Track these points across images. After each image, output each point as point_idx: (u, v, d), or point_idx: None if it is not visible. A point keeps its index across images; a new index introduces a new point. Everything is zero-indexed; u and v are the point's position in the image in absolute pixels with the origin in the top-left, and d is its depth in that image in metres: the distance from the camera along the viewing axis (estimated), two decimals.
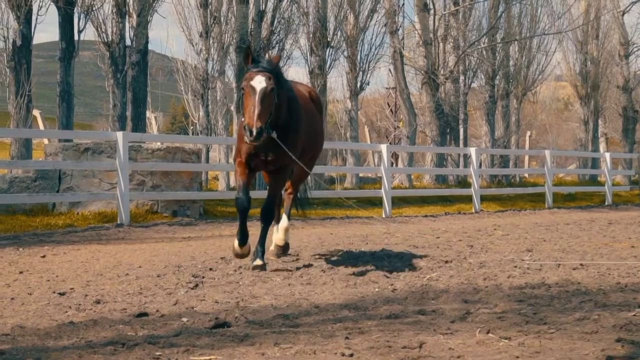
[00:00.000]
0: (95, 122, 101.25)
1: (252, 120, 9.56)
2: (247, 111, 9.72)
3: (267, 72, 9.93)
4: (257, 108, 9.65)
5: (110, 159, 18.54)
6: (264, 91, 9.80)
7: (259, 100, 9.71)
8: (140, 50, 27.39)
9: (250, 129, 9.52)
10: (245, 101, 9.87)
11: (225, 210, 21.79)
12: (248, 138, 9.58)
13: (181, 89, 33.07)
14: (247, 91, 9.85)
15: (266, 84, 9.83)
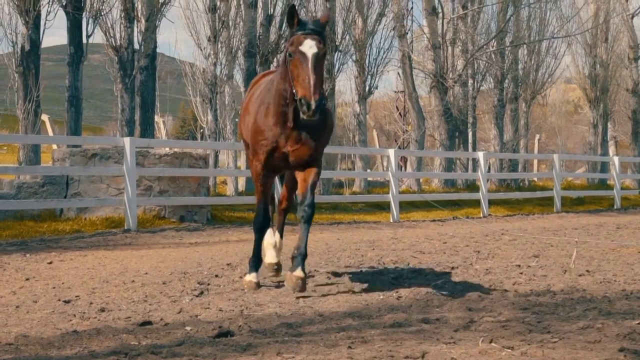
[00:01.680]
0: (105, 125, 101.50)
1: (308, 91, 8.35)
2: (299, 81, 8.49)
3: (316, 35, 8.76)
4: (311, 77, 8.45)
5: (117, 165, 18.56)
6: (317, 57, 8.64)
7: (312, 68, 8.53)
8: (149, 54, 27.43)
9: (307, 102, 8.30)
10: (293, 70, 8.59)
11: (233, 216, 21.80)
12: (306, 114, 8.37)
13: (190, 93, 33.10)
14: (296, 58, 8.61)
15: (318, 49, 8.67)
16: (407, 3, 37.28)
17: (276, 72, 9.47)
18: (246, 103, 10.27)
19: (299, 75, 8.51)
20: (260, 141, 9.37)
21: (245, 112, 10.13)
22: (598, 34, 46.53)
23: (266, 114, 9.28)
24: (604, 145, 47.02)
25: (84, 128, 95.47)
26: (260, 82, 10.33)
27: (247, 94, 10.56)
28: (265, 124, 9.27)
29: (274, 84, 9.23)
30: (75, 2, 25.35)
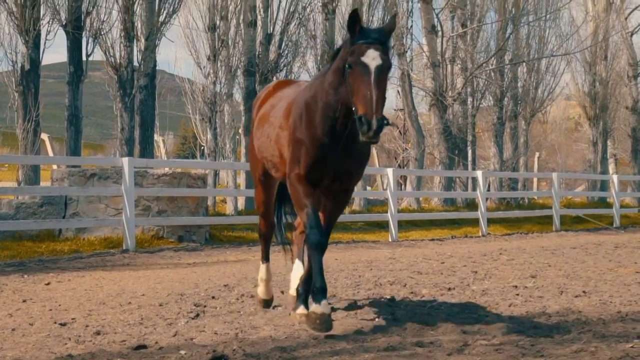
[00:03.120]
0: (106, 142, 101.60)
1: (370, 108, 7.41)
2: (359, 97, 7.54)
3: (380, 46, 7.79)
4: (374, 92, 7.51)
5: (116, 185, 18.59)
6: (381, 70, 7.67)
7: (375, 82, 7.59)
8: (148, 73, 27.50)
9: (368, 122, 7.33)
10: (353, 83, 7.66)
11: (231, 235, 21.81)
12: (365, 135, 7.37)
13: (189, 111, 33.16)
14: (356, 70, 7.67)
15: (382, 61, 7.70)
16: (407, 21, 37.40)
17: (317, 80, 8.47)
18: (264, 114, 9.44)
19: (359, 90, 7.56)
20: (303, 152, 8.29)
21: (263, 123, 9.30)
22: (597, 51, 46.62)
23: (309, 125, 8.26)
24: (604, 163, 47.05)
25: (85, 145, 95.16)
26: (281, 92, 9.52)
27: (262, 105, 9.68)
28: (309, 136, 8.25)
29: (317, 94, 8.28)
30: (75, 22, 25.45)
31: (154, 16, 27.51)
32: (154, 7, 27.60)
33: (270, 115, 9.24)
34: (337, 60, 8.12)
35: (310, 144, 8.25)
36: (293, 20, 31.53)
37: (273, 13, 31.53)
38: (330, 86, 8.11)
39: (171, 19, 28.32)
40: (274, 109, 9.24)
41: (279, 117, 8.94)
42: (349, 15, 7.96)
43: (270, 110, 9.31)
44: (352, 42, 7.84)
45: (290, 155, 8.47)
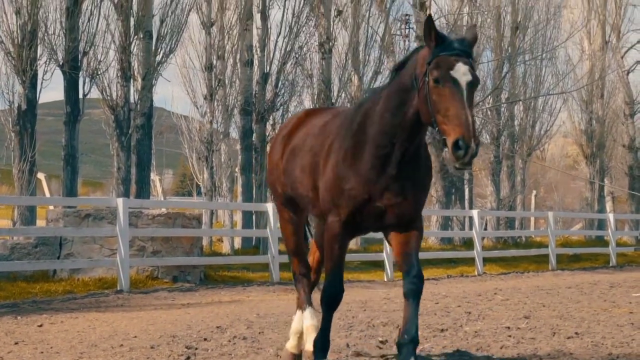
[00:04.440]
0: (105, 180, 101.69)
1: (467, 130, 6.51)
2: (449, 117, 6.65)
3: (468, 59, 6.91)
4: (469, 112, 6.64)
5: (110, 225, 18.62)
6: (472, 86, 6.80)
7: (468, 102, 6.71)
8: (145, 113, 27.56)
9: (467, 146, 6.47)
10: (439, 101, 6.73)
11: (226, 275, 21.80)
12: (460, 160, 6.53)
13: (186, 151, 33.27)
14: (445, 86, 6.73)
15: (473, 77, 6.80)
16: None
17: (366, 106, 7.55)
18: (296, 145, 8.45)
19: (450, 110, 6.64)
20: (345, 191, 7.35)
21: (296, 155, 8.36)
22: (594, 90, 46.73)
23: (354, 156, 7.34)
24: (601, 201, 47.06)
25: (85, 183, 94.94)
26: (314, 120, 8.56)
27: (292, 136, 8.69)
28: (354, 170, 7.31)
29: (366, 121, 7.41)
30: (72, 62, 25.52)
31: (150, 56, 27.61)
32: (151, 47, 27.70)
33: (303, 146, 8.29)
34: (401, 77, 7.18)
35: (356, 183, 7.32)
36: (289, 60, 31.66)
37: (270, 52, 31.66)
38: (387, 109, 7.23)
39: (168, 58, 28.44)
40: (307, 139, 8.28)
41: (316, 148, 7.97)
42: (425, 22, 7.01)
43: (303, 142, 8.35)
44: (433, 54, 6.88)
45: (329, 195, 7.55)
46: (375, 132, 7.27)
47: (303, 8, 31.76)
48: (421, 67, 6.94)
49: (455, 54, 6.85)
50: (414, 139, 7.22)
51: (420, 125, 7.08)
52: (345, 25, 32.91)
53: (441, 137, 6.68)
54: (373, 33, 33.63)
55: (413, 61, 7.13)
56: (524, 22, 39.85)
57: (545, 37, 41.32)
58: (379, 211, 7.36)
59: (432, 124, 6.83)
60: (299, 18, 31.63)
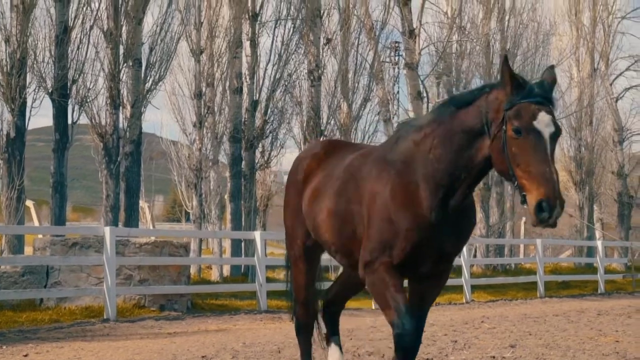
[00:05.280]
0: (96, 205, 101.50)
1: (552, 190, 6.06)
2: (531, 173, 6.16)
3: (550, 107, 6.41)
4: (554, 169, 6.16)
5: (97, 254, 18.59)
6: (555, 140, 6.33)
7: (552, 157, 6.25)
8: (134, 140, 27.60)
9: (552, 207, 6.01)
10: (522, 155, 6.24)
11: (213, 304, 21.75)
12: (544, 222, 6.07)
13: (175, 178, 33.30)
14: (527, 137, 6.26)
15: (556, 129, 6.33)
16: (393, 87, 37.71)
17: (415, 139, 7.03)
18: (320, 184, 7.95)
19: (532, 165, 6.17)
20: (401, 232, 6.79)
21: (313, 199, 7.95)
22: (583, 117, 46.88)
23: (407, 197, 6.82)
24: (590, 228, 47.13)
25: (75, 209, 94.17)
26: (337, 157, 8.12)
27: (313, 174, 8.22)
28: (408, 214, 6.79)
29: (416, 157, 6.91)
30: (61, 90, 25.59)
31: (140, 83, 27.69)
32: (140, 75, 27.79)
33: (328, 189, 7.77)
34: (463, 116, 6.71)
35: (409, 225, 6.78)
36: (279, 87, 31.80)
37: (259, 80, 31.81)
38: (450, 150, 6.74)
39: (157, 86, 28.52)
40: (332, 182, 7.77)
41: (350, 193, 7.44)
42: (501, 63, 6.55)
43: (327, 184, 7.84)
44: (512, 100, 6.40)
45: (380, 238, 6.92)
46: (435, 172, 6.77)
47: (292, 36, 31.98)
48: (496, 113, 6.49)
49: (537, 102, 6.37)
50: (479, 182, 6.93)
51: (488, 168, 6.70)
52: (335, 53, 33.08)
53: (520, 192, 6.24)
54: (362, 60, 33.78)
55: (482, 102, 6.64)
56: (512, 50, 39.98)
57: (534, 64, 41.47)
58: (428, 255, 6.91)
59: (508, 177, 6.39)
60: (288, 46, 31.81)
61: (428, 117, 7.18)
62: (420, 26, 35.48)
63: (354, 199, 7.30)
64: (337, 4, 33.02)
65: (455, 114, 6.73)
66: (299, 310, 8.66)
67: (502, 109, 6.42)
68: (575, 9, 47.24)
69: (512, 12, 40.57)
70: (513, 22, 40.48)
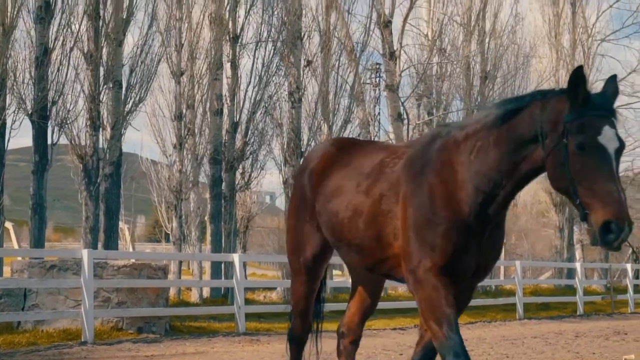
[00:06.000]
0: (77, 226, 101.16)
1: (620, 211, 5.70)
2: (595, 191, 5.80)
3: (615, 120, 6.09)
4: (620, 188, 5.80)
5: (75, 276, 18.56)
6: (619, 155, 5.99)
7: (618, 174, 5.92)
8: (114, 162, 27.58)
9: (620, 229, 5.68)
10: (585, 171, 5.87)
11: (192, 326, 21.71)
12: (610, 245, 5.74)
13: (155, 199, 33.31)
14: (591, 153, 5.89)
15: (621, 144, 5.98)
16: (374, 109, 37.82)
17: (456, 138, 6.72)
18: (340, 183, 7.62)
19: (597, 183, 5.79)
20: (440, 236, 6.48)
21: (339, 194, 7.54)
22: None
23: (445, 198, 6.54)
24: (570, 249, 47.29)
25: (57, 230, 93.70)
26: (355, 153, 7.82)
27: (328, 171, 7.86)
28: (449, 211, 6.51)
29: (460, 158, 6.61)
30: (41, 111, 25.57)
31: (120, 105, 27.71)
32: (121, 96, 27.81)
33: (348, 187, 7.48)
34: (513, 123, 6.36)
35: (449, 225, 6.48)
36: (259, 109, 31.85)
37: (239, 101, 31.82)
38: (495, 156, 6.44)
39: (137, 107, 28.53)
40: (354, 180, 7.47)
41: (378, 192, 7.14)
42: (574, 72, 6.06)
43: (351, 178, 7.53)
44: (575, 112, 6.01)
45: (420, 237, 6.57)
46: (476, 175, 6.49)
47: (273, 58, 32.04)
48: (553, 124, 6.11)
49: (601, 115, 6.00)
50: (518, 192, 6.63)
51: (531, 178, 6.48)
52: (315, 75, 33.15)
53: (582, 210, 5.88)
54: (343, 82, 33.87)
55: (536, 110, 6.28)
56: (493, 72, 40.20)
57: (514, 86, 41.66)
58: (473, 259, 6.59)
59: (567, 193, 6.06)
60: (268, 67, 31.88)
61: (471, 119, 6.99)
62: (401, 48, 35.71)
63: (386, 198, 7.01)
64: (317, 26, 33.11)
65: (504, 118, 6.43)
66: (295, 321, 8.44)
67: (561, 120, 6.07)
68: (555, 31, 47.50)
69: (492, 35, 40.72)
70: (493, 45, 40.63)
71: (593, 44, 48.87)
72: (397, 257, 6.90)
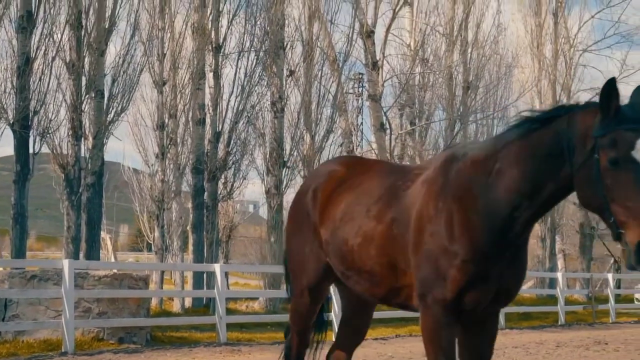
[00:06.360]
0: (60, 235, 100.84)
1: None
2: (630, 210, 5.47)
3: None
4: None
5: (56, 286, 18.48)
6: None
7: None
8: (96, 172, 27.56)
9: None
10: (616, 188, 5.55)
11: (173, 336, 21.65)
12: None
13: (137, 209, 33.28)
14: (627, 169, 5.55)
15: None
16: (356, 119, 37.88)
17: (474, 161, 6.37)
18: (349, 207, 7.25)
19: (631, 199, 5.46)
20: (456, 263, 6.17)
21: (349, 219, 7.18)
22: None
23: (463, 225, 6.20)
24: (552, 259, 47.43)
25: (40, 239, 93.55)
26: (364, 175, 7.44)
27: (335, 194, 7.49)
28: (466, 240, 6.18)
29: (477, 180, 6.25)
30: (23, 121, 25.50)
31: (102, 115, 27.70)
32: (103, 106, 27.80)
33: (362, 208, 7.11)
34: (537, 139, 6.02)
35: (465, 256, 6.17)
36: (242, 119, 31.89)
37: (222, 111, 31.87)
38: (516, 176, 6.09)
39: (119, 117, 28.53)
40: (369, 199, 7.11)
41: (389, 217, 6.82)
42: (607, 84, 5.73)
43: (361, 202, 7.17)
44: (606, 125, 5.68)
45: (432, 267, 6.29)
46: (496, 198, 6.14)
47: (255, 67, 32.17)
48: (583, 139, 5.77)
49: (633, 128, 5.62)
50: (543, 214, 6.26)
51: (558, 199, 6.14)
52: (298, 85, 33.23)
53: (615, 229, 5.54)
54: (325, 92, 33.95)
55: (562, 125, 5.95)
56: (475, 82, 40.30)
57: (496, 96, 41.81)
58: (487, 292, 6.26)
59: (599, 211, 5.71)
60: (251, 77, 31.98)
61: (490, 139, 6.69)
62: (384, 58, 35.75)
63: (398, 222, 6.68)
64: (300, 36, 33.19)
65: (526, 135, 6.07)
66: (293, 339, 8.18)
67: (590, 135, 5.72)
68: (537, 41, 47.71)
69: (475, 45, 40.81)
70: (475, 55, 40.72)
71: (575, 54, 49.13)
72: (412, 286, 6.56)
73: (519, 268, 6.40)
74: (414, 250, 6.43)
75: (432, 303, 6.22)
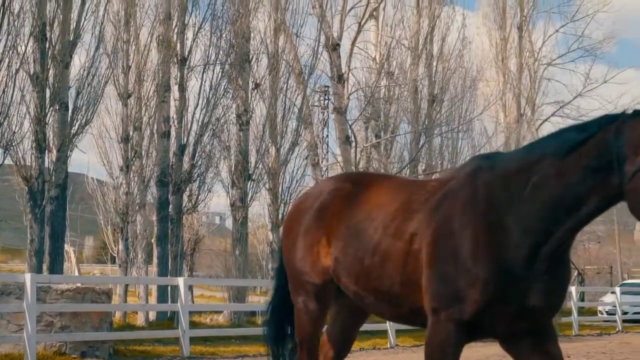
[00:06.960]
0: (24, 247, 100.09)
1: None
2: None
3: None
4: None
5: (18, 300, 18.39)
6: None
7: None
8: (59, 184, 27.40)
9: None
10: None
11: (136, 350, 21.56)
12: None
13: (101, 221, 33.18)
14: None
15: None
16: (322, 131, 37.92)
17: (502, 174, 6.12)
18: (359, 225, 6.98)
19: None
20: (478, 283, 5.93)
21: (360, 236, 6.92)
22: None
23: (489, 243, 5.94)
24: None
25: (3, 250, 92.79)
26: (372, 191, 7.13)
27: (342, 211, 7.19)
28: (491, 259, 5.93)
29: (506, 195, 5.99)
30: None
31: (66, 127, 27.55)
32: (67, 119, 27.66)
33: (372, 226, 6.85)
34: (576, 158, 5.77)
35: (494, 275, 5.92)
36: (207, 131, 31.85)
37: (187, 124, 31.83)
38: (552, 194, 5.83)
39: (84, 130, 28.41)
40: (384, 217, 6.81)
41: (405, 225, 6.57)
42: None
43: (370, 221, 6.90)
44: None
45: (451, 287, 6.05)
46: (530, 213, 5.90)
47: (221, 80, 32.13)
48: (634, 148, 5.53)
49: None
50: (582, 227, 6.00)
51: (599, 213, 5.86)
52: (263, 97, 33.28)
53: None
54: (291, 105, 33.99)
55: (609, 135, 5.70)
56: (440, 95, 40.45)
57: (461, 109, 41.97)
58: (514, 313, 6.03)
59: None
60: (216, 90, 31.94)
61: (521, 151, 6.43)
62: (349, 71, 35.79)
63: (417, 237, 6.41)
64: (266, 49, 33.23)
65: (568, 146, 5.82)
66: (301, 354, 7.64)
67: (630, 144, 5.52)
68: (502, 55, 47.94)
69: (440, 58, 40.99)
70: (441, 68, 40.87)
71: (539, 68, 49.40)
72: None
73: (558, 285, 6.20)
74: (428, 262, 6.20)
75: (446, 320, 6.05)
